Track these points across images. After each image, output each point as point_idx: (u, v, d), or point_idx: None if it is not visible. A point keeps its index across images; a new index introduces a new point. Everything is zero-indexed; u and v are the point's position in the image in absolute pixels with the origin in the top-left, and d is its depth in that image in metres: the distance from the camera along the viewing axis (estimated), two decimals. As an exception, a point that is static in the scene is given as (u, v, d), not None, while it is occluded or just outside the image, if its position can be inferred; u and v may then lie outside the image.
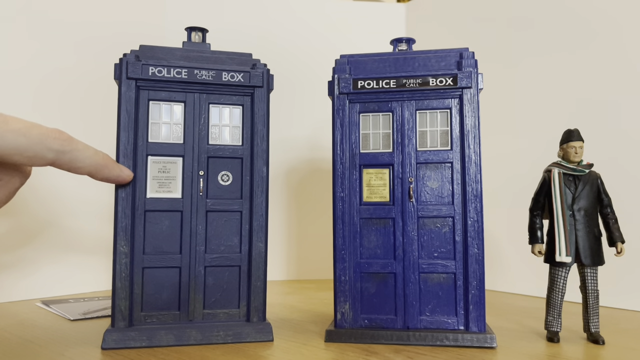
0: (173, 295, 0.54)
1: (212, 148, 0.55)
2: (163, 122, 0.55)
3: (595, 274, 0.55)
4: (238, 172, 0.56)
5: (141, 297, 0.53)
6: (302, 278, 1.00)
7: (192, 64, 0.55)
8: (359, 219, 0.56)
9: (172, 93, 0.55)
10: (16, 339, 0.55)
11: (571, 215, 0.54)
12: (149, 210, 0.54)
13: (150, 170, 0.54)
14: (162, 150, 0.54)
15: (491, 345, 0.52)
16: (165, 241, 0.54)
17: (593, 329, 0.54)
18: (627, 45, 0.76)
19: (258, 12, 1.02)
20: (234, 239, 0.56)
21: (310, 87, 0.95)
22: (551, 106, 0.83)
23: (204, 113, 0.55)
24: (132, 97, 0.53)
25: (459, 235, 0.54)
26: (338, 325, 0.55)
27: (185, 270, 0.54)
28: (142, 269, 0.53)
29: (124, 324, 0.52)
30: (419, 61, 0.56)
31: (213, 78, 0.55)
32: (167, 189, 0.54)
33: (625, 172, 0.74)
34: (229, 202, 0.56)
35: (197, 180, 0.55)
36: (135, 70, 0.53)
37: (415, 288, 0.54)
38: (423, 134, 0.56)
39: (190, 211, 0.54)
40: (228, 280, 0.55)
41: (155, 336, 0.52)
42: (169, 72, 0.54)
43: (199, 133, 0.55)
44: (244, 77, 0.56)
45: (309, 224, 1.01)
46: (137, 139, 0.53)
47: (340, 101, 0.56)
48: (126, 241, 0.52)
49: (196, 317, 0.54)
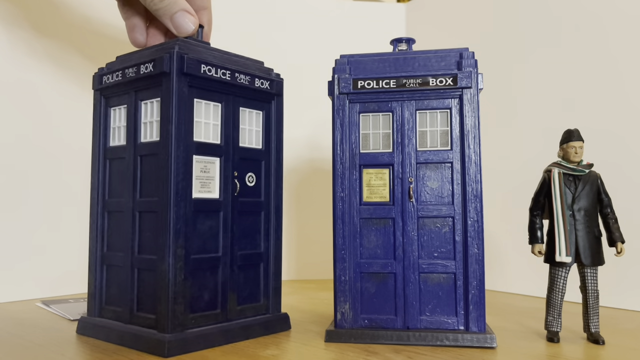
0: (214, 295, 0.54)
1: (243, 150, 0.57)
2: (205, 121, 0.55)
3: (595, 274, 0.55)
4: (260, 174, 0.59)
5: (188, 299, 0.51)
6: (302, 278, 1.00)
7: (232, 67, 0.56)
8: (359, 219, 0.56)
9: (214, 93, 0.55)
10: (16, 339, 0.55)
11: (571, 215, 0.54)
12: (196, 210, 0.53)
13: (195, 170, 0.53)
14: (204, 150, 0.54)
15: (491, 345, 0.52)
16: (209, 242, 0.54)
17: (593, 329, 0.54)
18: (627, 45, 0.76)
19: (258, 12, 1.01)
20: (255, 237, 0.58)
21: (310, 87, 0.95)
22: (551, 106, 0.83)
23: (236, 115, 0.57)
24: (185, 94, 0.52)
25: (459, 235, 0.54)
26: (338, 325, 0.55)
27: (226, 269, 0.55)
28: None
29: (180, 329, 0.50)
30: (419, 61, 0.56)
31: (249, 83, 0.57)
32: (208, 189, 0.54)
33: (625, 172, 0.74)
34: (254, 203, 0.58)
35: (232, 181, 0.56)
36: (191, 66, 0.51)
37: (415, 288, 0.54)
38: (423, 134, 0.56)
39: (228, 211, 0.56)
40: (254, 277, 0.58)
41: (207, 338, 0.51)
42: (217, 72, 0.54)
43: (232, 134, 0.56)
44: (270, 85, 0.59)
45: (309, 224, 1.01)
46: (187, 137, 0.52)
47: (340, 101, 0.56)
48: (181, 244, 0.50)
49: (232, 315, 0.55)
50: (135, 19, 0.61)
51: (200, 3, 0.61)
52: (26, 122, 0.78)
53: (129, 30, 0.61)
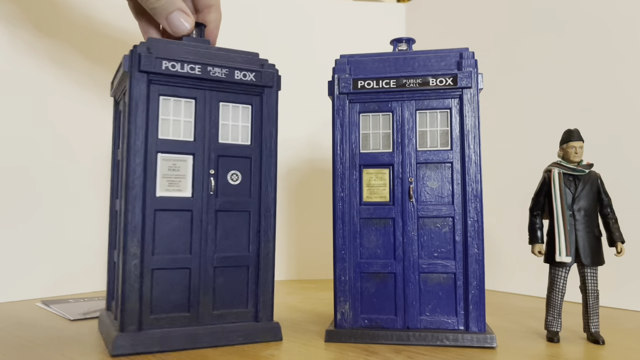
0: (185, 297, 0.52)
1: (222, 146, 0.54)
2: (174, 118, 0.53)
3: (595, 274, 0.55)
4: (247, 172, 0.56)
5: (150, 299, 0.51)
6: (302, 278, 1.00)
7: (205, 60, 0.53)
8: (359, 219, 0.56)
9: (183, 89, 0.53)
10: (16, 339, 0.55)
11: (571, 215, 0.54)
12: (159, 209, 0.52)
13: (160, 168, 0.52)
14: (172, 148, 0.52)
15: (491, 345, 0.52)
16: (175, 241, 0.52)
17: (593, 329, 0.54)
18: (628, 45, 0.76)
19: (258, 11, 1.01)
20: (241, 238, 0.55)
21: (311, 87, 0.95)
22: (551, 106, 0.83)
23: (215, 111, 0.54)
24: (145, 91, 0.51)
25: (459, 235, 0.54)
26: (338, 325, 0.55)
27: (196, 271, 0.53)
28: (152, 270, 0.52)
29: (133, 328, 0.49)
30: (419, 61, 0.56)
31: (226, 76, 0.54)
32: (177, 187, 0.53)
33: (625, 172, 0.74)
34: (238, 202, 0.55)
35: (207, 179, 0.53)
36: (148, 64, 0.51)
37: (415, 288, 0.54)
38: (423, 134, 0.56)
39: (202, 211, 0.53)
40: (238, 281, 0.55)
41: (167, 340, 0.50)
42: (183, 67, 0.52)
43: (209, 131, 0.54)
44: (256, 77, 0.55)
45: (309, 224, 1.01)
46: (149, 134, 0.51)
47: (340, 101, 0.56)
48: (137, 242, 0.50)
49: (205, 319, 0.53)
50: (144, 21, 0.61)
51: (206, 1, 0.61)
52: (27, 122, 0.78)
53: (143, 33, 0.62)
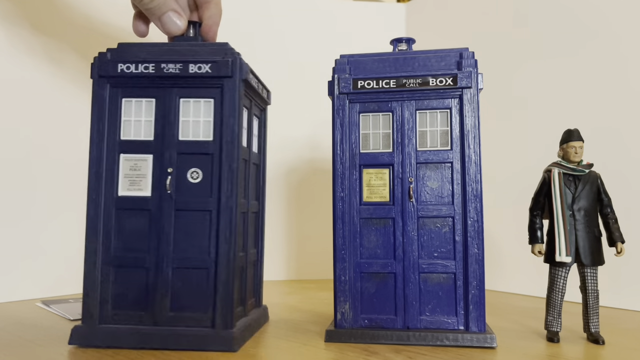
0: (140, 295, 0.53)
1: (182, 144, 0.53)
2: (135, 119, 0.54)
3: (595, 274, 0.55)
4: (209, 169, 0.53)
5: (110, 295, 0.53)
6: (302, 278, 1.00)
7: (159, 58, 0.53)
8: (359, 219, 0.56)
9: (143, 89, 0.54)
10: (16, 339, 0.55)
11: (571, 215, 0.54)
12: (120, 208, 0.53)
13: (122, 169, 0.54)
14: (133, 148, 0.54)
15: (491, 345, 0.52)
16: (135, 241, 0.53)
17: (593, 329, 0.54)
18: (626, 45, 0.76)
19: (258, 12, 1.01)
20: (202, 240, 0.53)
21: (310, 87, 0.95)
22: (551, 106, 0.83)
23: (175, 108, 0.53)
24: (104, 96, 0.53)
25: (459, 235, 0.54)
26: (338, 325, 0.55)
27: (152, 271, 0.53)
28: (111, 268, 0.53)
29: (92, 321, 0.52)
30: (419, 61, 0.56)
31: (180, 71, 0.52)
32: (138, 187, 0.53)
33: (625, 172, 0.74)
34: (198, 201, 0.53)
35: (166, 178, 0.53)
36: (106, 69, 0.53)
37: (415, 288, 0.54)
38: (423, 134, 0.56)
39: (159, 210, 0.53)
40: (197, 284, 0.52)
41: (120, 336, 0.51)
42: (137, 67, 0.53)
43: (169, 129, 0.53)
44: (212, 68, 0.52)
45: (309, 224, 1.01)
46: (109, 137, 0.53)
47: (340, 101, 0.56)
48: (99, 240, 0.53)
49: (161, 320, 0.52)
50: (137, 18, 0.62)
51: None
52: (26, 122, 0.78)
53: (134, 19, 0.62)
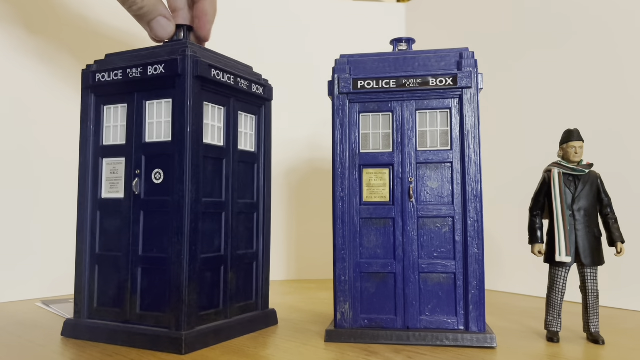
0: (117, 293, 0.55)
1: (147, 146, 0.54)
2: (114, 125, 0.57)
3: (595, 274, 0.55)
4: (169, 169, 0.53)
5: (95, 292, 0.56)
6: (302, 278, 1.00)
7: (127, 64, 0.55)
8: (359, 219, 0.56)
9: (116, 96, 0.56)
10: (16, 339, 0.55)
11: (571, 215, 0.54)
12: (102, 210, 0.56)
13: (105, 172, 0.57)
14: (112, 153, 0.56)
15: (491, 345, 0.52)
16: (113, 241, 0.56)
17: (593, 329, 0.54)
18: (627, 48, 0.76)
19: (258, 12, 1.01)
20: (163, 240, 0.53)
21: (310, 87, 0.95)
22: (551, 106, 0.83)
23: (140, 111, 0.55)
24: (89, 104, 0.57)
25: (459, 235, 0.54)
26: (338, 325, 0.55)
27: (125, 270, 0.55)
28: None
29: (81, 316, 0.56)
30: (419, 61, 0.56)
31: (141, 74, 0.54)
32: (116, 189, 0.56)
33: (624, 172, 0.74)
34: (161, 201, 0.53)
35: (134, 180, 0.55)
36: (88, 80, 0.57)
37: (415, 288, 0.54)
38: (423, 134, 0.56)
39: (130, 210, 0.55)
40: (159, 283, 0.53)
41: (97, 332, 0.54)
42: (109, 75, 0.55)
43: (136, 132, 0.55)
44: (165, 68, 0.52)
45: (309, 224, 1.01)
46: (94, 142, 0.57)
47: (340, 101, 0.56)
48: (85, 239, 0.56)
49: (132, 317, 0.53)
50: None
51: None
52: (27, 122, 0.78)
53: None
